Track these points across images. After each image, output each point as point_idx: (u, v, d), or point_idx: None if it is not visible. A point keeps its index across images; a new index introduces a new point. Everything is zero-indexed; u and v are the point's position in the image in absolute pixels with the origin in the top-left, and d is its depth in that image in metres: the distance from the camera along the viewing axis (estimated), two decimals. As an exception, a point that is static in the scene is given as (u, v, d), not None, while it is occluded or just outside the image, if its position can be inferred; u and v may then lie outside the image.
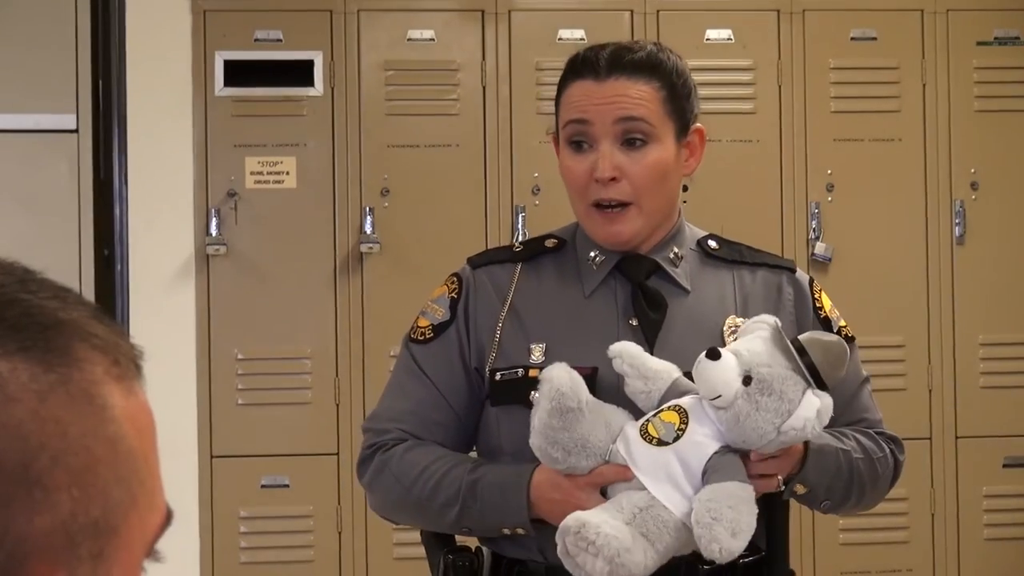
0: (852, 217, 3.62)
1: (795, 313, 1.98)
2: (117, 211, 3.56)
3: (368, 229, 3.58)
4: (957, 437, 3.59)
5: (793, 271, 2.04)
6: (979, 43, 3.61)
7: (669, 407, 1.79)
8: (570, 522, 1.77)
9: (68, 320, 0.60)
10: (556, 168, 2.70)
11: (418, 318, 2.11)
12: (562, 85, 2.00)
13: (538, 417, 1.79)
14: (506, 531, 2.01)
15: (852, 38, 3.61)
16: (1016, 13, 3.70)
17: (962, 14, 3.62)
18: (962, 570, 3.51)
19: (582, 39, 3.47)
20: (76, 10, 3.55)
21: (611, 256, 2.04)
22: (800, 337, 1.82)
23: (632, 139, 1.93)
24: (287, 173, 3.46)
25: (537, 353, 2.00)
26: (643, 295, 2.05)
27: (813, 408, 1.74)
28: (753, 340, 1.81)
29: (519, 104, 3.51)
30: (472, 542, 2.06)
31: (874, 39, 3.61)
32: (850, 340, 1.97)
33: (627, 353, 1.82)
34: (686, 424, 1.80)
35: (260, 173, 3.46)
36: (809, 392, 1.77)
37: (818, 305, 2.00)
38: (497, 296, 2.07)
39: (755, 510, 1.79)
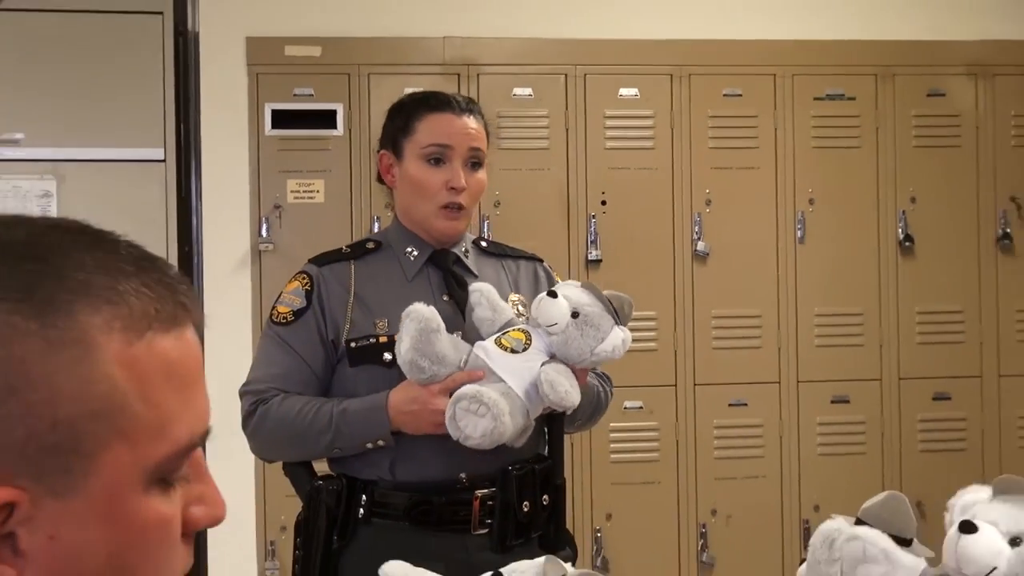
0: (724, 224, 4.16)
1: (548, 280, 2.60)
2: (194, 220, 4.14)
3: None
4: (799, 381, 4.19)
5: (542, 261, 2.67)
6: (815, 98, 4.20)
7: (516, 329, 2.30)
8: (467, 390, 2.19)
9: (83, 280, 0.75)
10: (513, 188, 3.29)
11: (276, 306, 2.50)
12: (413, 113, 2.50)
13: (409, 337, 2.21)
14: (370, 445, 2.37)
15: (724, 95, 4.18)
16: (841, 77, 4.24)
17: (803, 77, 4.19)
18: (802, 478, 4.02)
19: (530, 95, 4.11)
20: (164, 70, 4.04)
21: (424, 251, 2.50)
22: (605, 292, 2.35)
23: (475, 163, 2.47)
24: (317, 191, 3.99)
25: (381, 325, 2.42)
26: (453, 277, 2.53)
27: (619, 338, 2.31)
28: (573, 290, 2.35)
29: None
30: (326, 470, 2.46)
31: (740, 95, 4.18)
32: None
33: (485, 289, 2.35)
34: (530, 342, 2.26)
35: (298, 191, 4.00)
36: (616, 327, 2.31)
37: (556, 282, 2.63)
38: (341, 286, 2.47)
39: (577, 386, 2.29)
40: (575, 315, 2.22)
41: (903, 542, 1.32)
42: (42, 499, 0.75)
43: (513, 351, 2.27)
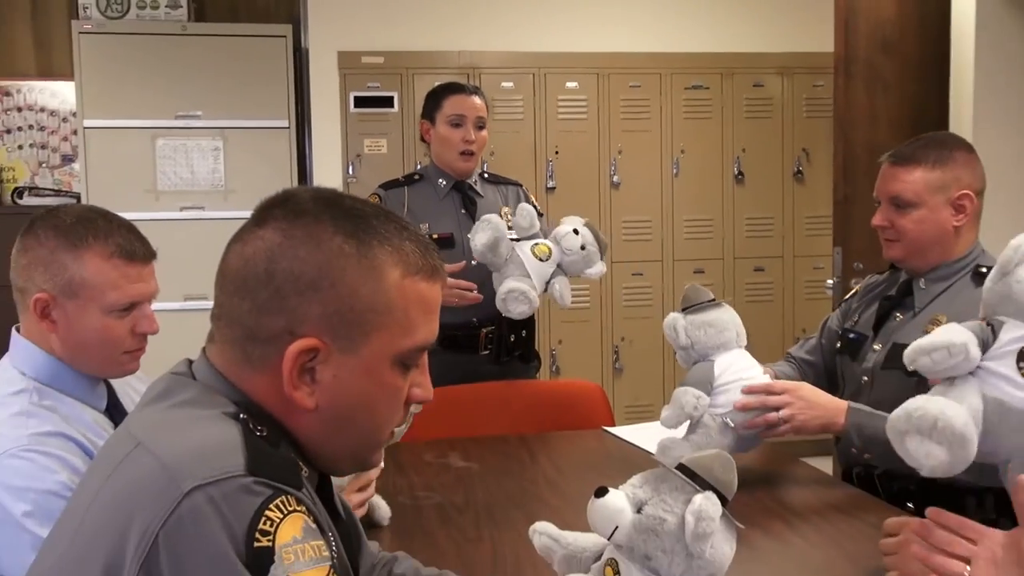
0: (629, 165, 4.97)
1: (527, 199, 2.92)
2: (307, 165, 4.84)
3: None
4: (673, 260, 5.02)
5: (521, 185, 3.05)
6: (684, 87, 5.01)
7: (543, 243, 2.59)
8: (516, 286, 2.46)
9: (385, 235, 1.00)
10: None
11: None
12: (441, 96, 2.84)
13: (484, 235, 2.50)
14: None
15: (630, 86, 4.96)
16: (700, 75, 5.01)
17: (677, 75, 4.99)
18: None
19: (511, 86, 4.79)
20: (287, 71, 4.79)
21: (450, 181, 2.86)
22: (600, 235, 2.58)
23: (480, 126, 2.83)
24: (382, 146, 4.72)
25: (424, 227, 2.76)
26: (467, 197, 2.88)
27: (601, 269, 2.59)
28: (584, 228, 2.58)
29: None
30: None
31: (639, 86, 4.96)
32: (539, 212, 2.80)
33: (526, 210, 2.57)
34: (551, 255, 2.59)
35: (370, 146, 4.73)
36: (600, 261, 2.56)
37: (534, 200, 2.98)
38: (398, 201, 2.80)
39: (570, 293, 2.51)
40: (583, 248, 2.60)
41: (724, 501, 1.13)
42: (332, 352, 0.99)
43: (540, 259, 2.58)
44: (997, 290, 1.40)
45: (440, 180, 2.88)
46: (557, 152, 4.92)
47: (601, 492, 1.16)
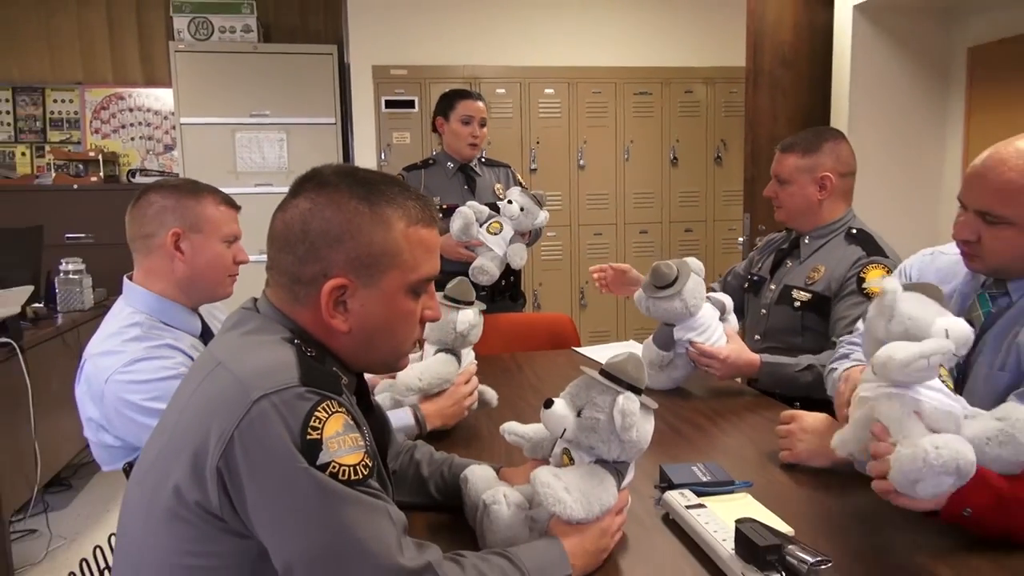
0: (592, 152, 4.84)
1: (514, 178, 2.85)
2: (350, 153, 4.66)
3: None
4: (624, 224, 4.86)
5: (510, 167, 2.94)
6: (634, 93, 4.85)
7: (496, 221, 2.46)
8: (478, 263, 2.35)
9: (390, 196, 0.98)
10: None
11: None
12: (454, 99, 2.76)
13: (458, 223, 2.39)
14: None
15: (592, 92, 4.79)
16: (646, 83, 4.77)
17: (628, 83, 4.83)
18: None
19: (504, 92, 4.63)
20: (334, 80, 4.64)
21: (456, 164, 2.78)
22: (533, 192, 2.37)
23: (483, 124, 2.78)
24: (406, 138, 4.59)
25: (437, 200, 2.68)
26: (469, 177, 2.82)
27: (544, 216, 2.44)
28: (518, 195, 2.43)
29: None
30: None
31: (600, 92, 4.81)
32: (523, 187, 2.66)
33: (511, 208, 2.42)
34: (502, 227, 2.44)
35: (397, 138, 4.60)
36: (541, 211, 2.41)
37: (520, 180, 2.83)
38: (417, 181, 2.75)
39: (526, 255, 2.36)
40: (521, 209, 2.54)
41: (635, 390, 1.08)
42: (358, 288, 0.98)
43: (494, 234, 2.53)
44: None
45: (448, 163, 2.82)
46: (538, 142, 4.81)
47: (548, 404, 1.13)
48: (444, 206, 2.66)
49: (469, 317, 1.65)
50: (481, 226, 2.44)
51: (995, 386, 1.33)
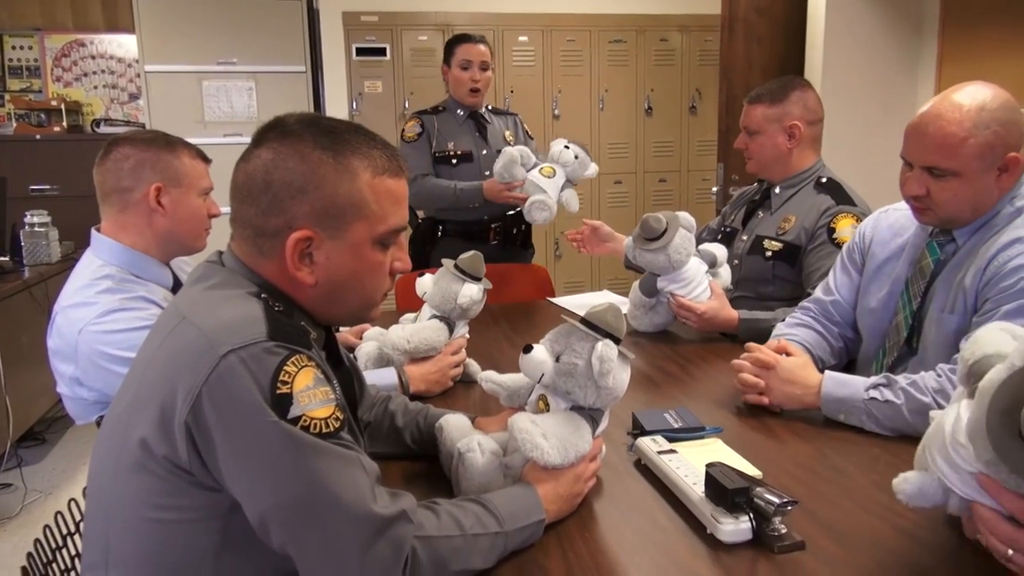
0: (566, 101, 4.83)
1: (522, 126, 2.88)
2: (321, 102, 4.59)
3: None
4: (600, 174, 3.86)
5: (517, 115, 2.94)
6: (609, 41, 4.86)
7: (548, 165, 2.44)
8: (537, 197, 2.30)
9: (355, 145, 0.96)
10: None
11: (405, 132, 2.60)
12: (454, 44, 2.72)
13: (508, 156, 2.41)
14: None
15: (567, 40, 4.74)
16: (620, 31, 4.84)
17: (603, 31, 4.83)
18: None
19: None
20: (303, 28, 4.50)
21: (465, 111, 2.76)
22: (583, 144, 2.33)
23: (484, 68, 2.74)
24: (378, 87, 4.58)
25: (451, 146, 2.68)
26: (480, 124, 2.81)
27: (595, 168, 2.38)
28: (575, 146, 2.38)
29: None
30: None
31: (574, 40, 4.77)
32: (530, 137, 2.86)
33: (519, 149, 2.40)
34: (555, 173, 2.44)
35: (369, 87, 4.58)
36: (592, 163, 2.36)
37: (526, 128, 2.92)
38: (431, 125, 2.73)
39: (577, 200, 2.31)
40: (576, 157, 2.52)
41: (617, 341, 1.09)
42: (323, 240, 0.96)
43: (548, 178, 2.48)
44: None
45: (459, 111, 2.80)
46: (512, 91, 4.75)
47: (528, 349, 1.13)
48: (459, 151, 2.67)
49: (472, 292, 1.65)
50: (529, 171, 2.41)
51: (945, 329, 1.39)
